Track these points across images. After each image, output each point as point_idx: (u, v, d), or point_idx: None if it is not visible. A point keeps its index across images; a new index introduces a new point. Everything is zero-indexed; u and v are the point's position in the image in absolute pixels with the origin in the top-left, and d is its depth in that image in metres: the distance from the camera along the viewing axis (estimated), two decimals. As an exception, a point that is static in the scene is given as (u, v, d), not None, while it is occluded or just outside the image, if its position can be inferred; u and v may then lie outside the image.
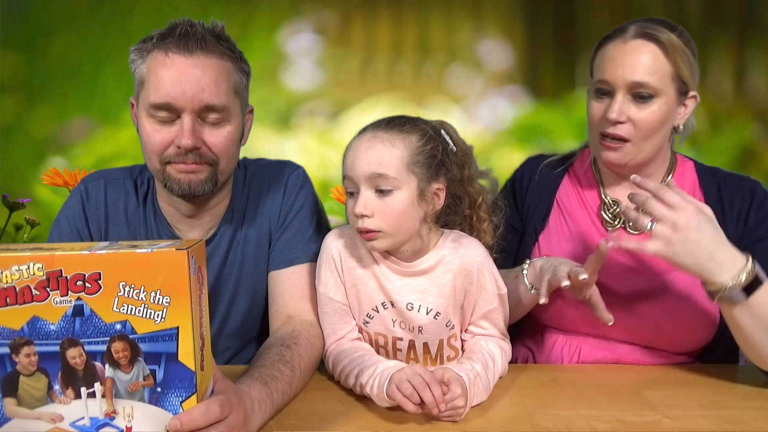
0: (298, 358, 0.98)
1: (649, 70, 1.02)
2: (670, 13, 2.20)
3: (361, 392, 0.95)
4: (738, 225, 1.09)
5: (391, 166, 0.94)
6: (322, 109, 2.30)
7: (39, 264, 0.68)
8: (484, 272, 1.01)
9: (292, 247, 1.12)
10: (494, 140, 2.27)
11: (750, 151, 2.25)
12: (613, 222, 1.14)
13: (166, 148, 1.00)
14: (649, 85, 1.02)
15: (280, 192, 1.15)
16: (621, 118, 1.04)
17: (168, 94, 0.97)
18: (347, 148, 0.98)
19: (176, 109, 0.98)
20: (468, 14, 2.29)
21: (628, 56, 1.03)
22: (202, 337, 0.74)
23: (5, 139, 2.26)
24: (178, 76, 0.98)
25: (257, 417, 0.84)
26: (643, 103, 1.04)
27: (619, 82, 1.04)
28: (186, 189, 1.02)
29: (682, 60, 1.03)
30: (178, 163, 1.01)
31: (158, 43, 0.99)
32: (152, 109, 0.99)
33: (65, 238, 1.13)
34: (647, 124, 1.04)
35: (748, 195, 1.10)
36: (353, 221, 0.97)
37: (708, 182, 1.13)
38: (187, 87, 0.97)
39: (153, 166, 1.04)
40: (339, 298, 1.04)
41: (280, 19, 2.25)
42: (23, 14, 2.24)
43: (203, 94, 0.98)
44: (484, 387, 0.94)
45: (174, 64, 0.98)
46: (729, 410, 0.92)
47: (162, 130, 1.00)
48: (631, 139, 1.05)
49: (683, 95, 1.07)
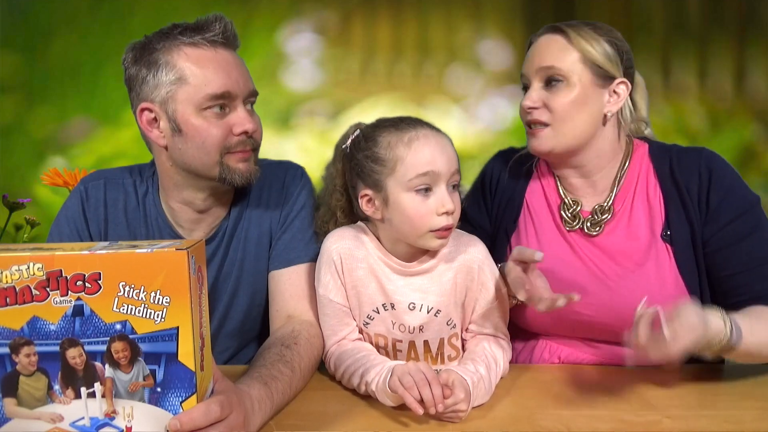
0: (298, 358, 0.98)
1: (556, 56, 1.07)
2: (670, 13, 2.20)
3: (366, 391, 0.95)
4: (700, 208, 1.06)
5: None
6: (322, 109, 2.30)
7: (39, 264, 0.68)
8: (485, 270, 1.01)
9: (293, 247, 1.12)
10: (494, 140, 2.26)
11: (750, 151, 2.24)
12: (572, 222, 1.13)
13: (226, 138, 1.03)
14: (556, 67, 1.06)
15: (281, 192, 1.15)
16: (536, 104, 1.08)
17: (225, 83, 1.01)
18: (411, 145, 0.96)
19: (233, 97, 1.02)
20: (468, 14, 2.28)
21: (537, 48, 1.10)
22: (202, 337, 0.74)
23: (5, 139, 2.26)
24: (229, 67, 1.03)
25: (257, 417, 0.84)
26: (555, 88, 1.07)
27: (532, 72, 1.09)
28: (247, 177, 1.06)
29: (592, 45, 1.07)
30: (237, 152, 1.04)
31: (200, 36, 1.01)
32: (209, 100, 1.00)
33: (65, 238, 1.13)
34: (561, 106, 1.06)
35: (705, 172, 1.07)
36: (433, 220, 0.96)
37: (661, 165, 1.11)
38: (238, 76, 1.03)
39: (210, 160, 1.03)
40: (339, 300, 1.03)
41: (280, 19, 2.25)
42: (23, 14, 2.24)
43: (249, 82, 1.06)
44: (487, 389, 0.94)
45: (222, 58, 1.03)
46: (729, 410, 0.92)
47: (218, 123, 1.02)
48: (550, 122, 1.08)
49: (605, 80, 1.08)
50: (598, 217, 1.12)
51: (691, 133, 2.19)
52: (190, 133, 1.02)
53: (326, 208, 1.09)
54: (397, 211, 0.97)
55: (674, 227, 1.07)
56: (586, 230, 1.12)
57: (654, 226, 1.09)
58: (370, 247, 1.03)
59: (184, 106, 1.01)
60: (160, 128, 1.04)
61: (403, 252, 1.02)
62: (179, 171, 1.07)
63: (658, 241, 1.07)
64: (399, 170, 0.96)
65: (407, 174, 0.95)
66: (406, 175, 0.95)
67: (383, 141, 0.98)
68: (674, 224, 1.07)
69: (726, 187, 1.06)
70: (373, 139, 0.99)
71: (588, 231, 1.12)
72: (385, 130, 0.99)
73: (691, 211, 1.07)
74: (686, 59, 2.19)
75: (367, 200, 1.00)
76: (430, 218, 0.95)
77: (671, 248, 1.07)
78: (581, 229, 1.13)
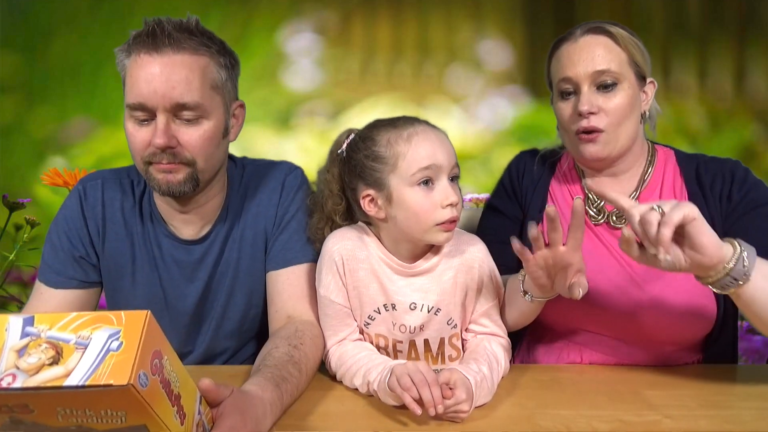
0: (305, 359, 0.98)
1: (607, 58, 1.06)
2: (670, 13, 2.20)
3: (368, 391, 0.95)
4: (721, 204, 1.08)
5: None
6: (322, 109, 2.30)
7: None
8: (485, 269, 1.02)
9: (290, 247, 1.12)
10: (494, 140, 2.27)
11: (750, 151, 2.24)
12: (597, 217, 1.14)
13: (146, 148, 1.01)
14: (611, 70, 1.05)
15: (276, 192, 1.15)
16: (592, 108, 1.05)
17: (140, 94, 0.98)
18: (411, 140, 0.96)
19: (150, 109, 0.99)
20: (468, 14, 2.28)
21: (584, 51, 1.07)
22: (177, 397, 0.65)
23: (5, 139, 2.26)
24: (149, 75, 0.98)
25: (268, 420, 0.84)
26: (609, 92, 1.06)
27: (582, 75, 1.06)
28: (165, 189, 1.03)
29: (633, 47, 1.07)
30: (157, 163, 1.02)
31: (133, 45, 1.00)
32: (129, 109, 1.00)
33: (64, 238, 1.13)
34: (618, 110, 1.06)
35: (728, 174, 1.09)
36: (437, 213, 0.96)
37: (688, 168, 1.13)
38: (158, 86, 0.97)
39: (138, 166, 1.05)
40: (340, 301, 1.03)
41: (280, 19, 2.25)
42: (23, 14, 2.24)
43: (174, 92, 0.98)
44: (489, 389, 0.94)
45: (145, 64, 0.98)
46: (729, 410, 0.92)
47: (141, 131, 1.01)
48: (606, 128, 1.07)
49: (642, 81, 1.09)
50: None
51: (691, 133, 2.19)
52: (127, 136, 1.04)
53: (321, 215, 1.09)
54: (401, 208, 0.97)
55: None
56: (612, 223, 1.12)
57: None
58: (372, 248, 1.03)
59: (125, 111, 1.03)
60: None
61: (404, 252, 1.02)
62: None
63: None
64: (401, 166, 0.96)
65: (410, 169, 0.95)
66: (408, 170, 0.95)
67: (382, 139, 0.98)
68: None
69: (749, 184, 1.08)
70: (371, 138, 1.00)
71: (614, 224, 1.12)
72: (383, 129, 0.99)
73: (713, 208, 1.07)
74: (686, 59, 2.19)
75: (369, 200, 1.00)
76: (434, 211, 0.95)
77: None
78: (607, 223, 1.13)
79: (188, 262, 1.13)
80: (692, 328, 1.08)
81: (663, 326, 1.07)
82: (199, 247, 1.13)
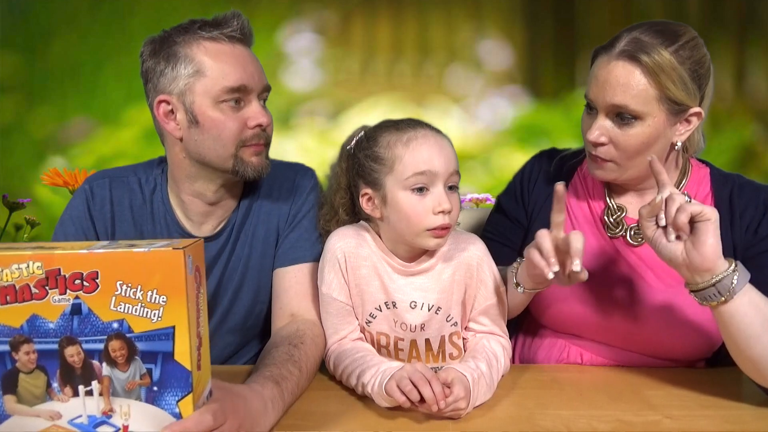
0: (305, 358, 0.98)
1: (631, 94, 0.97)
2: (670, 13, 2.20)
3: (363, 392, 0.95)
4: (747, 234, 1.04)
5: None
6: (322, 109, 2.30)
7: (38, 263, 0.68)
8: (484, 267, 1.02)
9: (299, 246, 1.13)
10: (494, 140, 2.27)
11: (750, 151, 2.25)
12: (614, 228, 1.10)
13: (242, 131, 1.04)
14: (630, 108, 0.97)
15: (290, 192, 1.16)
16: (600, 139, 1.00)
17: (241, 77, 1.03)
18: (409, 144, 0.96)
19: (249, 91, 1.04)
20: (468, 14, 2.29)
21: (611, 77, 0.98)
22: (200, 336, 0.74)
23: (5, 139, 2.26)
24: (245, 61, 1.05)
25: (270, 416, 0.84)
26: (626, 125, 0.99)
27: (600, 103, 1.00)
28: (259, 170, 1.08)
29: (672, 80, 0.96)
30: (251, 146, 1.06)
31: (213, 34, 1.03)
32: (225, 93, 1.02)
33: (70, 239, 1.13)
34: (630, 146, 1.00)
35: (761, 206, 1.05)
36: (429, 219, 0.96)
37: (721, 189, 1.08)
38: (254, 70, 1.06)
39: (225, 152, 1.05)
40: (342, 298, 1.04)
41: (280, 19, 2.25)
42: (23, 14, 2.24)
43: (263, 77, 1.08)
44: (488, 386, 0.94)
45: (239, 53, 1.05)
46: (729, 410, 0.92)
47: (234, 116, 1.04)
48: (614, 160, 1.02)
49: (679, 114, 1.00)
50: None
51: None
52: (206, 125, 1.03)
53: (329, 207, 1.10)
54: (394, 210, 0.98)
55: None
56: (629, 239, 1.08)
57: None
58: (373, 246, 1.04)
59: (201, 99, 1.02)
60: (176, 120, 1.05)
61: (403, 251, 1.03)
62: (193, 163, 1.08)
63: None
64: (397, 169, 0.97)
65: (405, 173, 0.96)
66: (403, 173, 0.96)
67: (383, 141, 0.99)
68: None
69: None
70: (374, 139, 1.01)
71: (630, 240, 1.09)
72: (386, 131, 1.00)
73: (737, 236, 1.03)
74: (686, 59, 2.18)
75: (367, 199, 1.02)
76: (426, 217, 0.96)
77: None
78: (623, 237, 1.09)
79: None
80: (699, 348, 1.07)
81: (668, 344, 1.06)
82: (213, 244, 1.13)
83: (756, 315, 0.88)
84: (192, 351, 0.71)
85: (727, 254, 0.93)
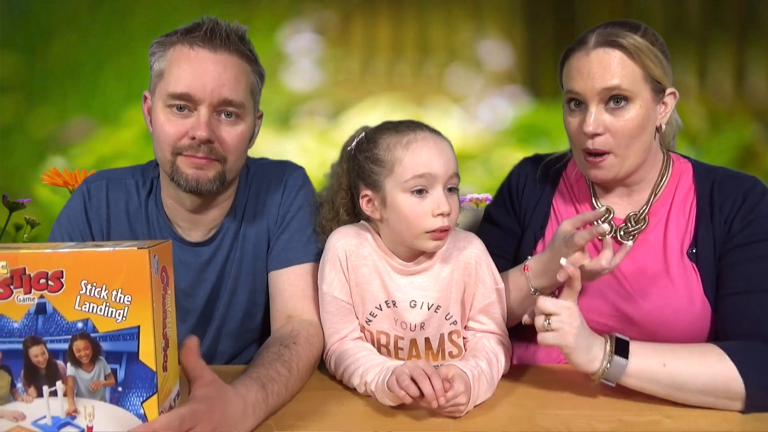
0: (297, 358, 0.98)
1: (621, 74, 0.99)
2: (670, 13, 2.20)
3: (365, 391, 0.96)
4: (724, 228, 1.04)
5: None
6: (322, 109, 2.30)
7: (3, 262, 0.68)
8: (482, 265, 1.02)
9: (291, 247, 1.12)
10: (494, 140, 2.27)
11: (750, 151, 2.25)
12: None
13: (179, 139, 1.01)
14: (623, 87, 0.99)
15: (279, 192, 1.15)
16: (598, 129, 1.00)
17: (188, 84, 1.00)
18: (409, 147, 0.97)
19: (194, 101, 1.00)
20: (468, 14, 2.29)
21: (594, 65, 1.00)
22: (166, 337, 0.74)
23: (5, 139, 2.26)
24: (201, 68, 1.00)
25: (249, 421, 0.84)
26: (619, 110, 1.00)
27: (590, 92, 1.00)
28: (193, 185, 1.03)
29: (651, 60, 1.00)
30: (189, 156, 1.02)
31: (183, 37, 1.02)
32: (170, 98, 1.01)
33: (66, 238, 1.13)
34: (626, 131, 1.01)
35: (740, 198, 1.04)
36: (428, 221, 0.96)
37: (703, 183, 1.08)
38: (208, 80, 1.00)
39: (164, 157, 1.04)
40: (343, 297, 1.04)
41: (280, 19, 2.26)
42: (23, 14, 2.24)
43: (223, 88, 1.01)
44: (489, 384, 0.95)
45: (198, 58, 1.01)
46: (729, 410, 0.92)
47: (177, 122, 1.01)
48: (612, 150, 1.02)
49: (659, 94, 1.04)
50: (632, 225, 1.09)
51: (691, 133, 2.19)
52: (154, 126, 1.05)
53: (330, 207, 1.10)
54: (394, 212, 0.98)
55: (701, 246, 1.04)
56: (619, 239, 1.08)
57: (684, 243, 1.06)
58: (373, 246, 1.04)
59: (156, 100, 1.04)
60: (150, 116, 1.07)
61: (403, 251, 1.03)
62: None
63: (685, 258, 1.05)
64: (397, 171, 0.97)
65: (404, 175, 0.96)
66: (403, 176, 0.96)
67: (383, 143, 0.99)
68: (701, 243, 1.04)
69: (755, 213, 1.03)
70: (374, 141, 1.01)
71: (620, 240, 1.08)
72: (386, 133, 1.00)
73: (717, 230, 1.04)
74: (686, 59, 2.19)
75: (366, 200, 1.02)
76: (425, 219, 0.96)
77: (696, 267, 1.04)
78: (614, 238, 1.09)
79: (196, 265, 1.13)
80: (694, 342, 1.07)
81: (662, 341, 1.06)
82: (206, 249, 1.13)
83: (652, 384, 0.93)
84: (157, 351, 0.70)
85: (708, 249, 1.00)
